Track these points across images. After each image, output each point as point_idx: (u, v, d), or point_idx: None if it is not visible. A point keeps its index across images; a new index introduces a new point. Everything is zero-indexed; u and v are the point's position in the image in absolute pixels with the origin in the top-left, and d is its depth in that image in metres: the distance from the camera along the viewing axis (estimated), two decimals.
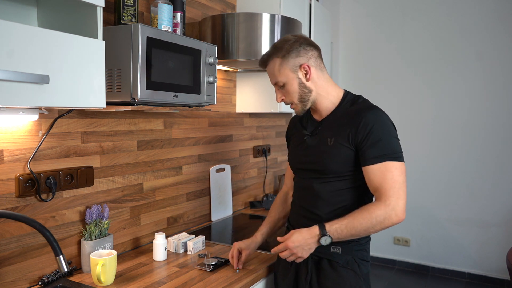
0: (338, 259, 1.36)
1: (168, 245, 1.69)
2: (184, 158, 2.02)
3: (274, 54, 1.37)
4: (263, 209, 2.47)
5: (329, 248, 1.36)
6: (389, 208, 1.24)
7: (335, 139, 1.33)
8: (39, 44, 0.96)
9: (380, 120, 1.29)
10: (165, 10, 1.53)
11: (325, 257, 1.38)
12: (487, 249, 3.43)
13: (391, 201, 1.24)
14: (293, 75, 1.35)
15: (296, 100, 1.38)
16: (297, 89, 1.36)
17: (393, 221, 1.25)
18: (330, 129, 1.37)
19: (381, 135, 1.28)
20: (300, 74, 1.35)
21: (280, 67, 1.36)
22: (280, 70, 1.36)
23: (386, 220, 1.24)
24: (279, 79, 1.37)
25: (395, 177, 1.26)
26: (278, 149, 2.90)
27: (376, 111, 1.32)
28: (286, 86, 1.37)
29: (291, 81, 1.36)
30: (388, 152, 1.27)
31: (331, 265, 1.36)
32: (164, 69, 1.40)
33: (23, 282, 1.32)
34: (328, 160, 1.34)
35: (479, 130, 3.42)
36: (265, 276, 1.54)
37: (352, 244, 1.36)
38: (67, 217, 1.46)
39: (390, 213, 1.24)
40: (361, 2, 3.83)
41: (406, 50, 3.65)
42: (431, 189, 3.62)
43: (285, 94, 1.39)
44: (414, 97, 3.63)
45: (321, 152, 1.37)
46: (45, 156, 1.38)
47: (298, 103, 1.39)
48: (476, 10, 3.37)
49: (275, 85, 1.41)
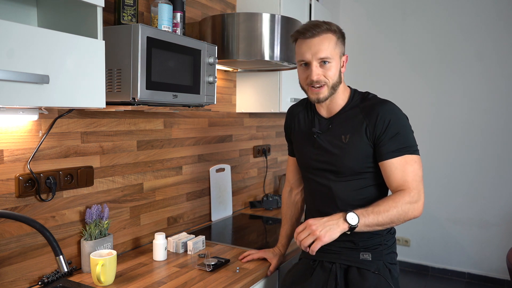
0: (369, 266, 1.30)
1: (168, 245, 1.69)
2: (184, 158, 2.02)
3: (330, 31, 1.30)
4: (263, 209, 2.47)
5: (359, 254, 1.31)
6: (414, 199, 1.21)
7: (351, 136, 1.31)
8: (39, 44, 0.96)
9: (396, 114, 1.28)
10: (165, 10, 1.53)
11: (354, 265, 1.32)
12: (487, 249, 3.43)
13: (415, 194, 1.22)
14: (339, 60, 1.32)
15: (331, 84, 1.31)
16: (337, 74, 1.32)
17: (416, 214, 1.22)
18: (343, 126, 1.34)
19: (399, 129, 1.26)
20: (341, 62, 1.34)
21: (335, 45, 1.30)
22: (335, 49, 1.30)
23: (410, 212, 1.21)
24: (328, 54, 1.28)
25: (416, 171, 1.25)
26: (278, 149, 2.90)
27: (390, 104, 1.31)
28: (331, 67, 1.30)
29: (337, 65, 1.31)
30: (407, 145, 1.26)
31: (361, 274, 1.30)
32: (164, 69, 1.40)
33: (23, 282, 1.32)
34: (345, 158, 1.31)
35: (479, 129, 3.42)
36: (265, 276, 1.54)
37: (380, 248, 1.31)
38: (67, 217, 1.46)
39: (414, 205, 1.21)
40: (361, 2, 3.83)
41: (406, 50, 3.65)
42: (431, 189, 3.62)
43: (325, 73, 1.30)
44: (414, 97, 3.63)
45: (335, 152, 1.33)
46: (45, 156, 1.38)
47: (330, 89, 1.32)
48: (476, 10, 3.37)
49: (318, 60, 1.29)
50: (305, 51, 1.30)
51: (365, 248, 1.30)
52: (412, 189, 1.22)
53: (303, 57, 1.31)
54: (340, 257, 1.35)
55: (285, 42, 1.92)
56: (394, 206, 1.19)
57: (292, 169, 1.60)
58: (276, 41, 1.90)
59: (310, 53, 1.29)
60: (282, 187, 2.77)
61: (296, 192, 1.63)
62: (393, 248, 1.37)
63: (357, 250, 1.31)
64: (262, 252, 1.60)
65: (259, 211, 2.44)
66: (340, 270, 1.34)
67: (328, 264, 1.37)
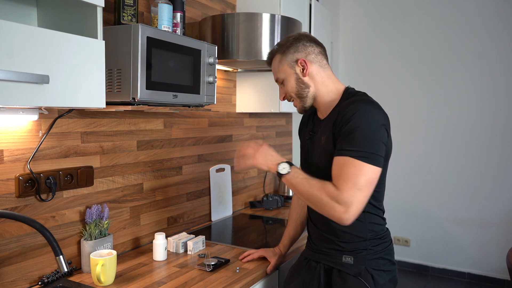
0: (349, 269, 1.29)
1: (168, 245, 1.69)
2: (184, 158, 2.02)
3: (276, 51, 1.39)
4: (263, 209, 2.47)
5: (341, 257, 1.30)
6: (337, 198, 1.13)
7: (326, 137, 1.29)
8: (39, 44, 0.96)
9: (360, 114, 1.18)
10: (165, 10, 1.53)
11: (336, 267, 1.31)
12: (487, 249, 3.43)
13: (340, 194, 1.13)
14: (291, 71, 1.35)
15: (294, 96, 1.37)
16: (294, 84, 1.35)
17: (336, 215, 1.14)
18: (324, 127, 1.32)
19: (354, 129, 1.17)
20: (297, 70, 1.34)
21: (279, 63, 1.37)
22: (279, 66, 1.37)
23: (329, 207, 1.14)
24: (278, 75, 1.38)
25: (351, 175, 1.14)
26: (278, 149, 2.90)
27: (361, 104, 1.21)
28: (285, 82, 1.37)
29: (289, 77, 1.35)
30: (355, 148, 1.15)
31: (341, 276, 1.29)
32: (164, 69, 1.40)
33: (23, 282, 1.32)
34: (323, 161, 1.28)
35: (479, 129, 3.42)
36: (265, 276, 1.54)
37: (365, 253, 1.28)
38: (67, 217, 1.46)
39: (335, 204, 1.13)
40: (361, 2, 3.83)
41: (405, 50, 3.65)
42: (431, 189, 3.62)
43: (285, 90, 1.39)
44: (413, 97, 3.63)
45: (317, 152, 1.34)
46: (45, 156, 1.38)
47: (298, 99, 1.37)
48: (475, 10, 3.37)
49: (277, 81, 1.42)
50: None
51: (349, 252, 1.29)
52: (341, 190, 1.13)
53: None
54: (324, 257, 1.35)
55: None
56: (319, 188, 1.17)
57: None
58: (276, 41, 1.90)
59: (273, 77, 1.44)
60: (282, 187, 2.77)
61: None
62: (382, 254, 1.31)
63: (341, 252, 1.31)
64: (262, 251, 1.60)
65: (259, 211, 2.44)
66: (323, 271, 1.34)
67: (314, 263, 1.38)
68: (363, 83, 3.75)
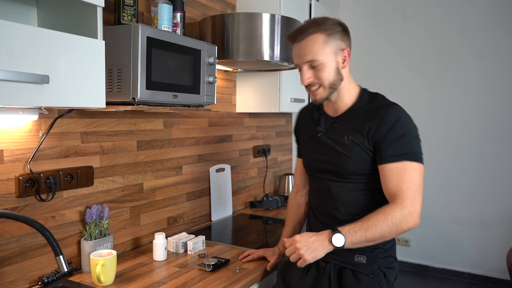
0: (363, 269, 1.28)
1: (168, 245, 1.69)
2: (184, 158, 2.02)
3: (318, 30, 1.25)
4: (263, 209, 2.47)
5: (353, 257, 1.29)
6: (406, 211, 1.16)
7: (353, 137, 1.27)
8: (39, 44, 0.96)
9: (402, 118, 1.23)
10: (165, 10, 1.53)
11: (348, 267, 1.30)
12: (487, 249, 3.43)
13: (407, 204, 1.16)
14: (333, 58, 1.26)
15: (327, 84, 1.27)
16: (333, 73, 1.26)
17: (410, 225, 1.17)
18: (347, 126, 1.30)
19: (402, 133, 1.21)
20: (339, 59, 1.27)
21: (324, 45, 1.24)
22: (322, 48, 1.24)
23: (403, 224, 1.16)
24: (318, 57, 1.24)
25: (413, 179, 1.19)
26: (278, 149, 2.90)
27: (398, 108, 1.26)
28: (321, 67, 1.25)
29: (330, 63, 1.25)
30: (408, 151, 1.20)
31: (355, 276, 1.28)
32: (164, 69, 1.40)
33: (23, 282, 1.32)
34: (345, 159, 1.28)
35: (479, 129, 3.42)
36: (265, 276, 1.54)
37: (376, 251, 1.28)
38: (67, 217, 1.46)
39: (406, 216, 1.16)
40: (361, 2, 3.83)
41: (405, 50, 3.65)
42: (431, 189, 3.62)
43: (317, 75, 1.27)
44: (414, 97, 3.63)
45: (337, 152, 1.30)
46: (45, 156, 1.38)
47: (327, 89, 1.28)
48: (475, 10, 3.37)
49: (306, 63, 1.27)
50: (295, 56, 1.31)
51: (360, 251, 1.28)
52: (405, 198, 1.17)
53: (295, 62, 1.32)
54: (335, 257, 1.33)
55: (285, 42, 1.92)
56: (384, 219, 1.15)
57: (298, 171, 1.59)
58: (276, 41, 1.90)
59: (299, 57, 1.29)
60: (282, 187, 2.77)
61: (301, 194, 1.61)
62: (390, 252, 1.34)
63: (353, 252, 1.30)
64: (261, 251, 1.60)
65: (259, 211, 2.44)
66: (334, 270, 1.33)
67: (322, 263, 1.37)
68: (363, 83, 3.74)
